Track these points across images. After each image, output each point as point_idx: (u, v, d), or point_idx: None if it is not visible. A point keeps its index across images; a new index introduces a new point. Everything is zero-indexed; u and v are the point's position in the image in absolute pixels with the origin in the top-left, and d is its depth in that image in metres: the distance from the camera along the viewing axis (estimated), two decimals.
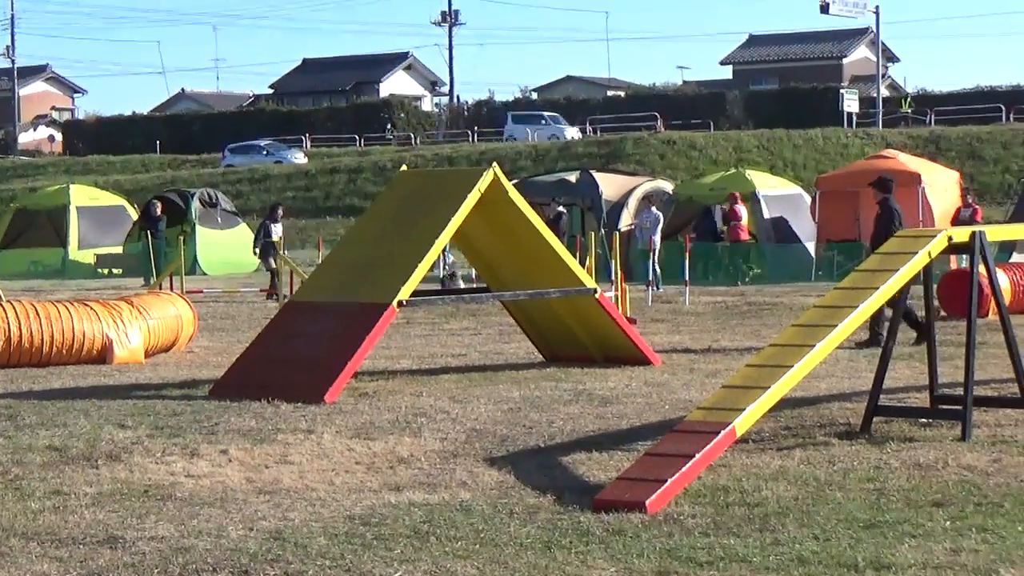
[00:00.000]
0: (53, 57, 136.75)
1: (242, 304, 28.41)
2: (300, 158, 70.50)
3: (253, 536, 8.96)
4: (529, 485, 10.36)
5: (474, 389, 15.10)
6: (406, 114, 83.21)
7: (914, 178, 33.13)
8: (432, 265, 16.48)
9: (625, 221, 35.29)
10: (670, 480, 9.72)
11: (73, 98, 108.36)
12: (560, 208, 34.12)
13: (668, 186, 38.91)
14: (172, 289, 26.07)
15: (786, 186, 38.61)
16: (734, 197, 34.39)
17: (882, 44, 72.66)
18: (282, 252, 28.32)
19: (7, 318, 17.43)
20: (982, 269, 12.49)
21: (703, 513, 9.42)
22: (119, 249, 40.90)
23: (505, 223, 16.59)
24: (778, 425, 12.49)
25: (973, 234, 12.39)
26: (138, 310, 18.48)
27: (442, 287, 25.28)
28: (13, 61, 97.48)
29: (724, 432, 10.30)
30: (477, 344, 19.97)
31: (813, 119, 64.50)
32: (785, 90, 78.10)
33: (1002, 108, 66.88)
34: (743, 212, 34.29)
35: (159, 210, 38.53)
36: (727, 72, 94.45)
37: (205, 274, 38.69)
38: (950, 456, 11.11)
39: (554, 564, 8.27)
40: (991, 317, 18.36)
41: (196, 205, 41.08)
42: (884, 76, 77.41)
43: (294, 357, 14.89)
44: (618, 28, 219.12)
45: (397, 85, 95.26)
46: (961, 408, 12.04)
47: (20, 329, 17.41)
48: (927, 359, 12.91)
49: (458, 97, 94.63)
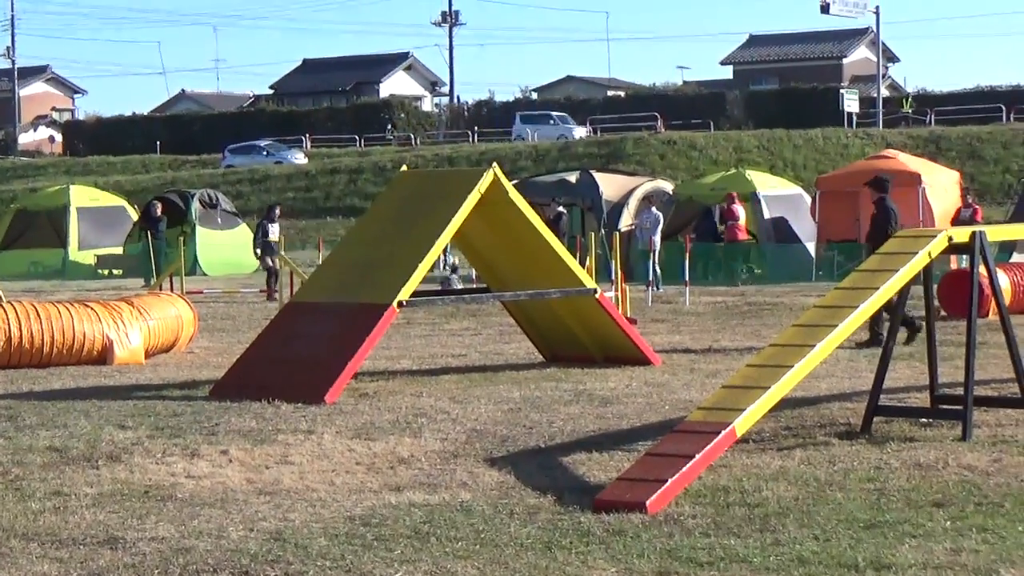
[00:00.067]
0: (53, 58, 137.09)
1: (242, 305, 28.43)
2: (300, 159, 70.48)
3: (253, 537, 8.96)
4: (529, 485, 10.36)
5: (474, 389, 15.10)
6: (406, 114, 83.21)
7: (914, 178, 33.16)
8: (432, 265, 16.48)
9: (625, 221, 35.30)
10: (670, 480, 9.72)
11: (73, 99, 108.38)
12: (560, 208, 34.13)
13: (668, 186, 38.91)
14: (172, 290, 26.08)
15: (786, 186, 38.63)
16: (731, 197, 34.40)
17: (882, 44, 72.66)
18: (281, 252, 28.30)
19: (7, 319, 17.43)
20: (982, 269, 12.50)
21: (703, 513, 9.42)
22: (119, 250, 40.91)
23: (505, 223, 16.59)
24: (778, 425, 12.48)
25: (973, 234, 12.39)
26: (138, 311, 18.48)
27: (442, 287, 25.29)
28: (13, 62, 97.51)
29: (724, 432, 10.30)
30: (477, 344, 19.96)
31: (813, 119, 64.48)
32: (785, 90, 78.12)
33: (1002, 108, 66.89)
34: (740, 212, 34.29)
35: (159, 211, 38.53)
36: (727, 72, 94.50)
37: (205, 275, 38.70)
38: (950, 456, 11.11)
39: (554, 564, 8.27)
40: (991, 317, 18.36)
41: (196, 206, 41.09)
42: (884, 76, 77.38)
43: (294, 358, 14.89)
44: (618, 28, 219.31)
45: (397, 85, 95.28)
46: (961, 408, 12.03)
47: (20, 330, 17.41)
48: (927, 359, 12.90)
49: (458, 97, 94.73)
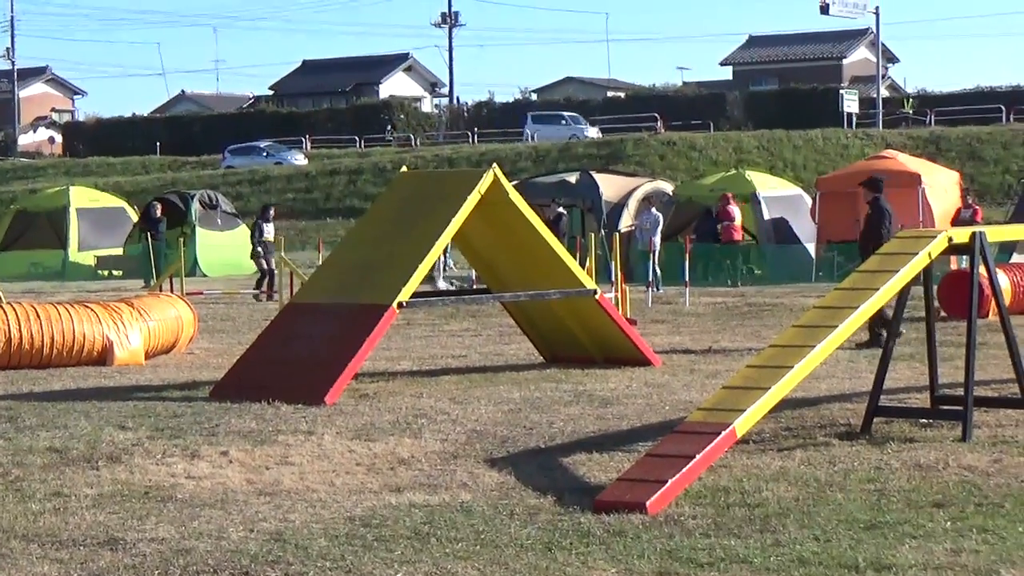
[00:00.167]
0: (53, 59, 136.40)
1: (242, 305, 28.44)
2: (300, 159, 70.46)
3: (254, 537, 8.96)
4: (530, 486, 10.36)
5: (474, 390, 15.10)
6: (406, 115, 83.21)
7: (914, 179, 33.17)
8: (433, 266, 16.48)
9: (625, 222, 35.30)
10: (671, 481, 9.72)
11: (73, 100, 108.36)
12: (560, 209, 34.12)
13: (668, 187, 38.92)
14: (172, 291, 26.08)
15: (786, 187, 38.64)
16: (725, 198, 34.39)
17: (882, 45, 72.69)
18: (281, 253, 28.27)
19: (7, 320, 17.42)
20: (982, 270, 12.50)
21: (704, 514, 9.42)
22: (119, 251, 40.90)
23: (505, 224, 16.59)
24: (778, 426, 12.48)
25: (973, 235, 12.39)
26: (138, 312, 18.48)
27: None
28: (13, 63, 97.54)
29: (725, 433, 10.30)
30: (477, 345, 19.97)
31: (813, 120, 64.50)
32: (785, 91, 78.13)
33: (1002, 108, 66.87)
34: (736, 212, 34.29)
35: (159, 212, 38.52)
36: (727, 73, 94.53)
37: (205, 276, 38.71)
38: (951, 457, 11.11)
39: (555, 565, 8.27)
40: (991, 318, 18.36)
41: (196, 207, 41.09)
42: (884, 77, 77.43)
43: (294, 358, 14.89)
44: (618, 29, 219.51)
45: (397, 86, 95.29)
46: (962, 408, 12.03)
47: (20, 331, 17.41)
48: (927, 360, 12.90)
49: (458, 98, 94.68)
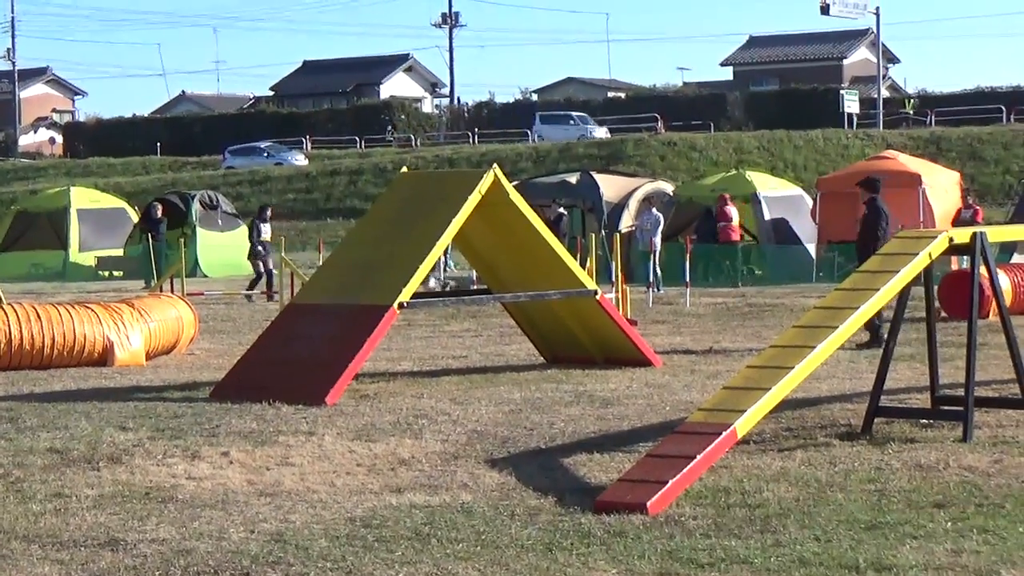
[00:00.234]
0: (53, 59, 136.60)
1: (243, 306, 28.44)
2: (301, 160, 70.45)
3: (254, 538, 8.96)
4: (530, 487, 10.36)
5: (475, 391, 15.10)
6: (406, 116, 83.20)
7: (915, 179, 33.16)
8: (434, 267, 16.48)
9: (626, 222, 35.28)
10: (671, 481, 9.72)
11: (73, 100, 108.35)
12: (561, 210, 34.11)
13: (669, 187, 38.91)
14: (173, 291, 26.07)
15: (787, 187, 38.63)
16: (723, 199, 34.38)
17: (882, 45, 72.66)
18: (282, 253, 28.27)
19: (8, 321, 17.42)
20: (983, 270, 12.49)
21: (704, 514, 9.42)
22: (120, 251, 40.90)
23: (506, 225, 16.58)
24: (779, 426, 12.48)
25: (974, 235, 12.39)
26: (139, 312, 18.48)
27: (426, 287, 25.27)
28: (14, 63, 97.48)
29: (725, 433, 10.30)
30: (478, 346, 19.96)
31: (814, 120, 64.48)
32: (785, 91, 78.12)
33: (1003, 109, 66.87)
34: (733, 212, 34.27)
35: (160, 212, 38.49)
36: (727, 73, 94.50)
37: (206, 276, 38.71)
38: (951, 457, 11.11)
39: (555, 566, 8.27)
40: (992, 318, 18.36)
41: (197, 207, 41.09)
42: (884, 77, 77.39)
43: (295, 359, 14.89)
44: (618, 29, 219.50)
45: (397, 87, 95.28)
46: (962, 409, 12.03)
47: (21, 332, 17.41)
48: (928, 360, 12.90)
49: (458, 99, 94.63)
